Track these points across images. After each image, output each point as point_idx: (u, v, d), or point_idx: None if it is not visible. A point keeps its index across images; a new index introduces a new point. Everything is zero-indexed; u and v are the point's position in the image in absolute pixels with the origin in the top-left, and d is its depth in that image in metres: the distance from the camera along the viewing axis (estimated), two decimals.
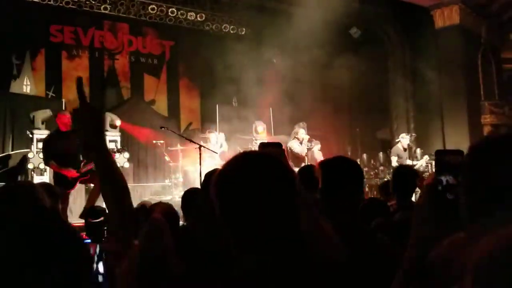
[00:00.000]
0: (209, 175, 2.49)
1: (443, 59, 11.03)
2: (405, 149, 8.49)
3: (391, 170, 8.49)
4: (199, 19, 10.63)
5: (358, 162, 10.40)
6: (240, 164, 0.91)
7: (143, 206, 2.55)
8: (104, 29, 10.44)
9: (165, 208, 2.09)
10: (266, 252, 0.88)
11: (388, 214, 2.50)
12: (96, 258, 2.26)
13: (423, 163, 8.65)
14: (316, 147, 7.72)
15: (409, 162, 8.33)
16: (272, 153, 1.23)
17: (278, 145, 1.29)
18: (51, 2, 9.13)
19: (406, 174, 3.02)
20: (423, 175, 7.07)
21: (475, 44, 11.90)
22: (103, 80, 10.32)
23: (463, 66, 11.00)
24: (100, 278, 2.25)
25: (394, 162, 8.38)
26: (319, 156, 7.48)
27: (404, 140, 8.54)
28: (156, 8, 10.08)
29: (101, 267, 2.26)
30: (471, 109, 11.15)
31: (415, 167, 8.01)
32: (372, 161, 10.92)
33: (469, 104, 11.06)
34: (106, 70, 10.53)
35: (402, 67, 11.54)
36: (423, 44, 11.21)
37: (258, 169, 0.89)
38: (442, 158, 1.00)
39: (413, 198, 3.10)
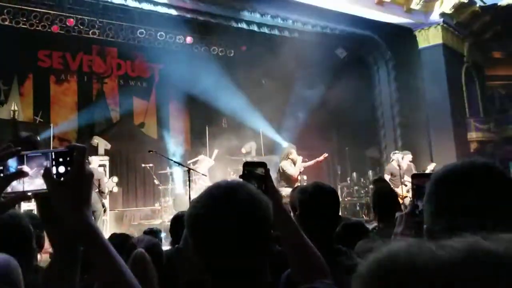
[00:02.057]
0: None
1: (427, 77, 11.25)
2: (400, 167, 8.40)
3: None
4: (187, 42, 10.73)
5: (348, 181, 10.25)
6: (209, 205, 0.93)
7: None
8: (93, 54, 10.47)
9: (148, 244, 2.04)
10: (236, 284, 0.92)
11: (366, 235, 2.43)
12: None
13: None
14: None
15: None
16: (255, 174, 1.25)
17: (262, 164, 1.30)
18: (39, 28, 9.15)
19: (384, 197, 2.89)
20: (406, 197, 7.05)
21: (458, 63, 12.18)
22: (91, 103, 10.30)
23: (448, 84, 11.21)
24: None
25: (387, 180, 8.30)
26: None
27: (396, 157, 8.45)
28: (144, 32, 10.14)
29: None
30: (457, 126, 11.32)
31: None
32: (362, 180, 10.96)
33: (455, 122, 11.24)
34: (95, 93, 10.53)
35: (388, 86, 11.72)
36: (408, 63, 11.43)
37: (226, 210, 0.91)
38: (418, 182, 1.02)
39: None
